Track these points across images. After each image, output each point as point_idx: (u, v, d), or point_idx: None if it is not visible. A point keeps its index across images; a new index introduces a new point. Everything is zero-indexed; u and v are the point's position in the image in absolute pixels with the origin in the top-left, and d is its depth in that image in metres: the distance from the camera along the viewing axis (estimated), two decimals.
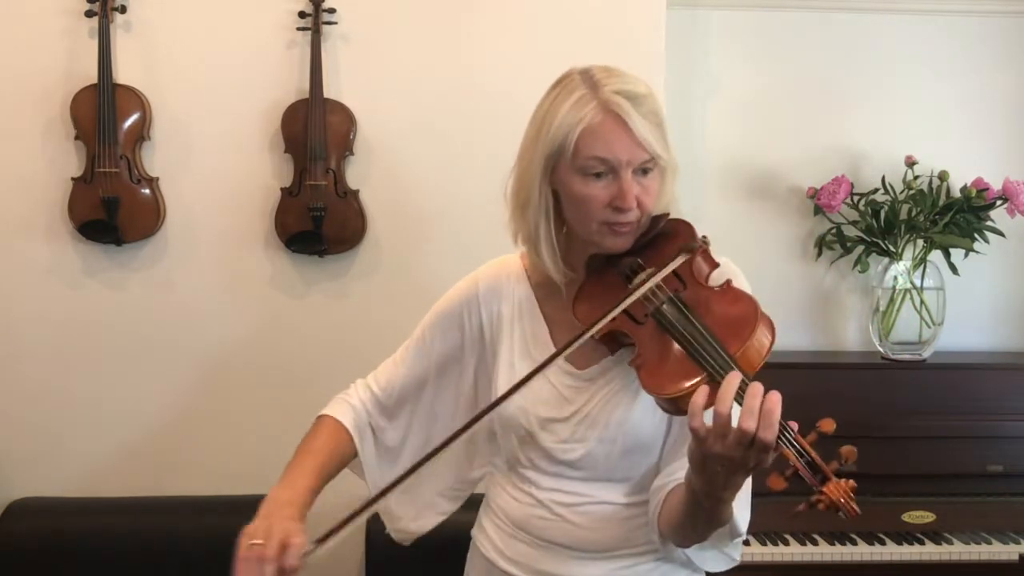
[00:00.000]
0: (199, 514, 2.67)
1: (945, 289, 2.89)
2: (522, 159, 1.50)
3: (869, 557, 2.49)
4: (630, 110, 1.38)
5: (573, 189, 1.41)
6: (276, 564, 1.39)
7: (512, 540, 1.55)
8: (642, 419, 1.44)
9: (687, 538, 1.39)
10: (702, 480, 1.24)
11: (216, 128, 2.65)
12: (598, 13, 2.64)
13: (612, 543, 1.49)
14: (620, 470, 1.47)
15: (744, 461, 1.19)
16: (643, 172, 1.41)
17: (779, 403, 1.19)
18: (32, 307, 2.68)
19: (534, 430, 1.49)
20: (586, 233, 1.44)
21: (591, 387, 1.47)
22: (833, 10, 2.94)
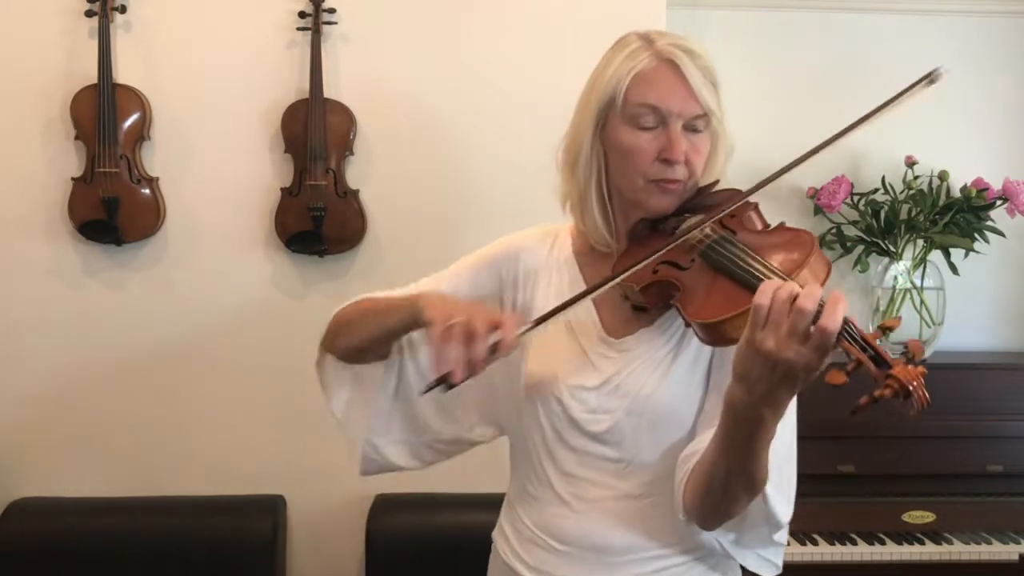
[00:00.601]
0: (199, 514, 2.68)
1: (945, 289, 2.89)
2: (574, 119, 1.46)
3: (869, 557, 2.49)
4: (685, 60, 1.35)
5: (622, 140, 1.38)
6: (487, 342, 1.25)
7: (532, 545, 1.47)
8: (674, 393, 1.38)
9: (714, 503, 1.28)
10: (744, 388, 1.14)
11: (216, 128, 2.65)
12: (598, 13, 2.64)
13: (638, 543, 1.41)
14: (646, 448, 1.39)
15: (796, 361, 1.09)
16: (693, 130, 1.38)
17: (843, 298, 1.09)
18: (32, 307, 2.68)
19: (562, 396, 1.42)
20: (632, 190, 1.40)
21: (623, 357, 1.41)
22: (833, 10, 2.94)
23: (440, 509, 2.67)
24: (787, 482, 1.34)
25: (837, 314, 1.08)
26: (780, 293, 1.10)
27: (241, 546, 2.62)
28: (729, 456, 1.22)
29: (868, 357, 1.09)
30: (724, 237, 1.33)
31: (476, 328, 1.25)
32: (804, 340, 1.09)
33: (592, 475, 1.43)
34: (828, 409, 1.19)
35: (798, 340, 1.09)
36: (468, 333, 1.25)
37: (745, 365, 1.14)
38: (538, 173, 2.65)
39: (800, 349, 1.09)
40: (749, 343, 1.12)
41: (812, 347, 1.09)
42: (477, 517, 2.57)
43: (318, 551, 2.78)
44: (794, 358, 1.09)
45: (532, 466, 1.49)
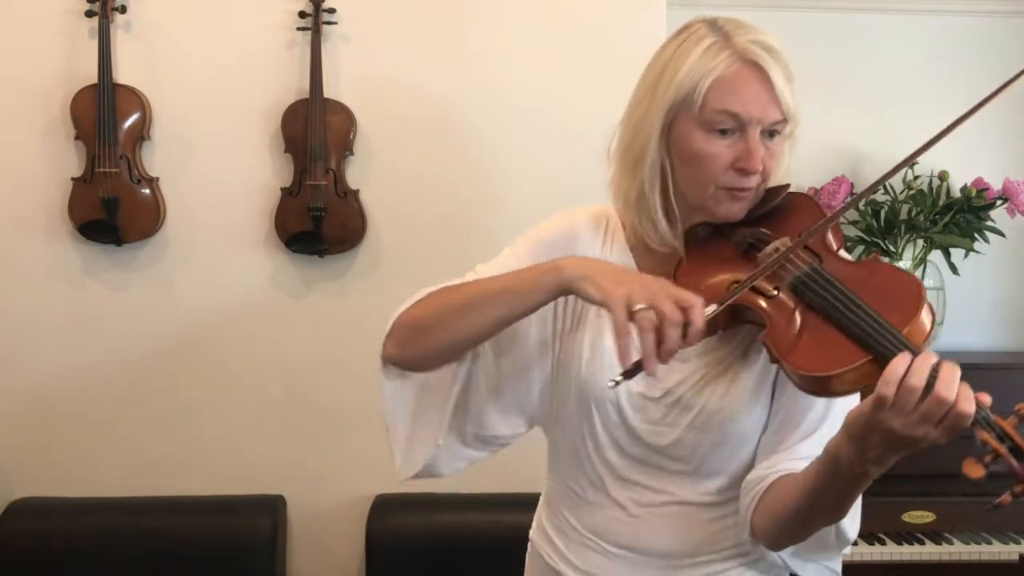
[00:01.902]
0: (199, 514, 2.68)
1: (945, 289, 2.89)
2: (635, 111, 1.33)
3: (869, 557, 2.49)
4: (769, 61, 1.27)
5: (693, 145, 1.27)
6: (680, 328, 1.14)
7: (582, 548, 1.40)
8: (740, 408, 1.30)
9: (789, 534, 1.25)
10: (855, 450, 1.09)
11: (216, 128, 2.65)
12: (598, 13, 2.64)
13: (695, 548, 1.36)
14: (710, 462, 1.33)
15: (920, 438, 1.06)
16: (770, 135, 1.29)
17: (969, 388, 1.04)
18: (32, 307, 2.68)
19: (622, 404, 1.34)
20: (699, 197, 1.29)
21: (683, 368, 1.31)
22: (833, 10, 2.94)
23: (440, 509, 2.67)
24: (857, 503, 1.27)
25: (970, 399, 1.05)
26: (911, 381, 1.05)
27: (241, 546, 2.62)
28: (823, 499, 1.18)
29: (1008, 449, 1.07)
30: (816, 269, 1.22)
31: (669, 316, 1.14)
32: (936, 423, 1.05)
33: (650, 481, 1.36)
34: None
35: (928, 423, 1.05)
36: (660, 321, 1.15)
37: (862, 433, 1.09)
38: (539, 172, 2.67)
39: (929, 430, 1.06)
40: (872, 419, 1.07)
41: (942, 431, 1.06)
42: (477, 517, 2.59)
43: (318, 551, 2.78)
44: (920, 437, 1.07)
45: (582, 469, 1.40)
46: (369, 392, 2.78)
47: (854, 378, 1.11)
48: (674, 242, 1.34)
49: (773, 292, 1.21)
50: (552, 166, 2.62)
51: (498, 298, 1.29)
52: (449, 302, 1.33)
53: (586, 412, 1.37)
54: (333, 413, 2.72)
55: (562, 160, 2.61)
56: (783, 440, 1.30)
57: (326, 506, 2.76)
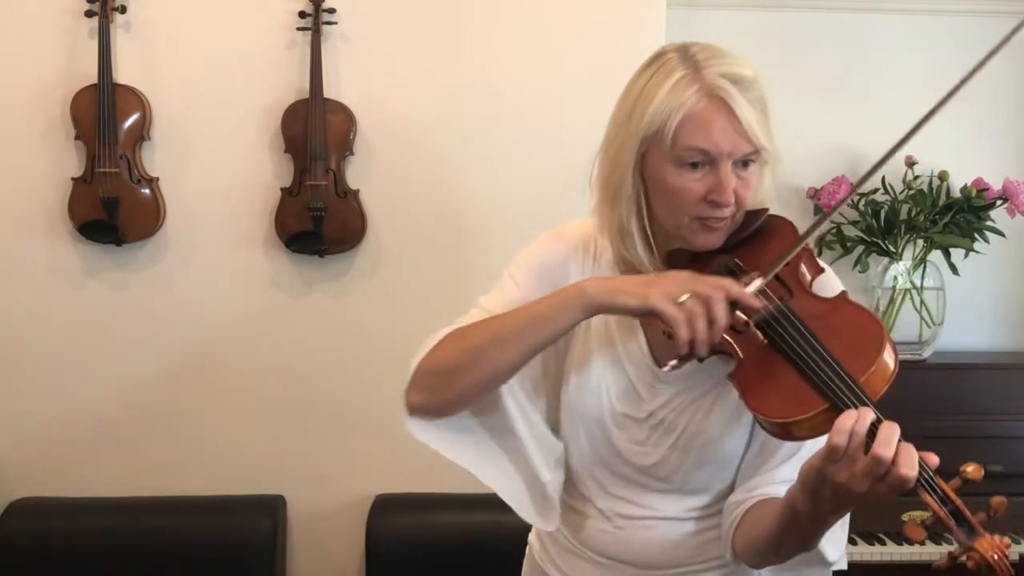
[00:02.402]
0: (199, 514, 2.68)
1: (945, 289, 2.89)
2: (611, 144, 1.35)
3: (869, 557, 2.49)
4: (736, 96, 1.25)
5: (666, 180, 1.29)
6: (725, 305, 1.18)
7: (570, 555, 1.45)
8: (721, 431, 1.34)
9: (766, 559, 1.30)
10: (810, 501, 1.14)
11: (216, 128, 2.65)
12: (598, 13, 2.64)
13: (679, 559, 1.40)
14: (693, 482, 1.37)
15: (867, 494, 1.10)
16: (743, 164, 1.29)
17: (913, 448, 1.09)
18: (32, 307, 2.68)
19: (607, 424, 1.37)
20: (675, 228, 1.32)
21: (668, 389, 1.36)
22: (833, 10, 2.94)
23: (440, 509, 2.67)
24: (841, 525, 1.30)
25: (913, 460, 1.07)
26: (858, 429, 1.09)
27: (241, 546, 2.62)
28: (788, 539, 1.22)
29: (948, 513, 1.08)
30: (784, 310, 1.23)
31: (712, 296, 1.18)
32: (880, 479, 1.08)
33: (636, 497, 1.41)
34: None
35: (873, 479, 1.08)
36: (706, 304, 1.18)
37: (814, 485, 1.13)
38: (538, 172, 2.67)
39: (875, 486, 1.09)
40: (820, 471, 1.11)
41: (887, 487, 1.09)
42: (477, 517, 2.59)
43: (318, 551, 2.78)
44: (866, 492, 1.10)
45: (572, 480, 1.45)
46: (369, 392, 2.80)
47: (810, 426, 1.14)
48: (653, 268, 1.36)
49: (743, 327, 1.23)
50: (552, 166, 2.62)
51: (524, 330, 1.29)
52: (473, 343, 1.32)
53: (575, 432, 1.41)
54: (333, 413, 2.72)
55: (561, 160, 2.60)
56: (764, 463, 1.33)
57: (326, 506, 2.76)
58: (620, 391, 1.38)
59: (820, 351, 1.17)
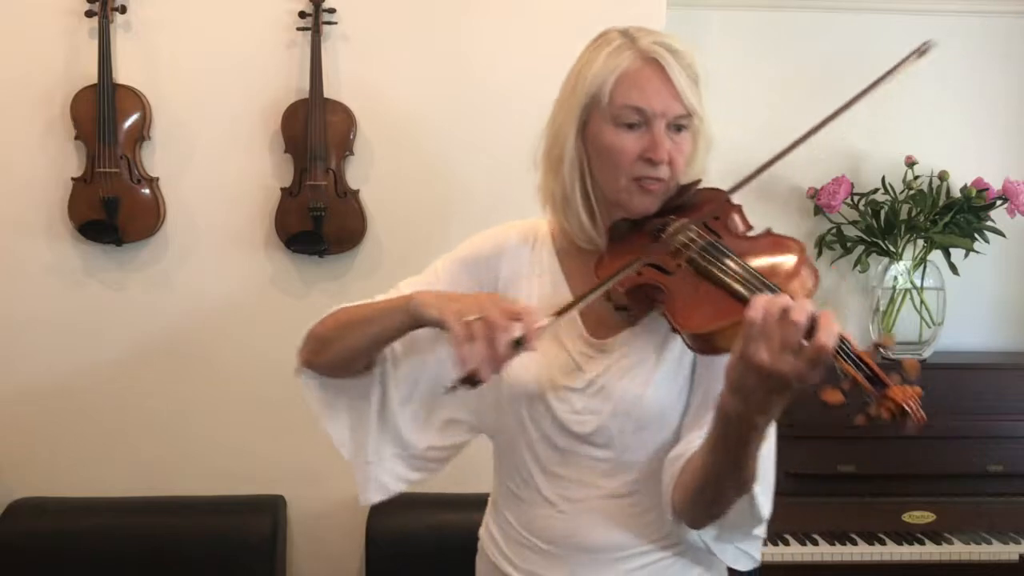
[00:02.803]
0: (199, 514, 2.68)
1: (945, 289, 2.89)
2: (556, 117, 1.45)
3: (869, 557, 2.49)
4: (670, 60, 1.36)
5: (604, 140, 1.37)
6: (510, 335, 1.23)
7: (517, 546, 1.48)
8: (658, 395, 1.38)
9: (705, 506, 1.30)
10: (737, 399, 1.14)
11: (216, 128, 2.65)
12: (598, 13, 2.62)
13: (622, 541, 1.42)
14: (632, 448, 1.40)
15: (789, 374, 1.09)
16: (676, 129, 1.38)
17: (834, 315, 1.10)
18: (32, 307, 2.68)
19: (547, 396, 1.42)
20: (614, 191, 1.39)
21: (606, 358, 1.40)
22: (833, 10, 2.94)
23: (440, 509, 2.66)
24: (769, 478, 1.34)
25: (832, 329, 1.08)
26: (772, 307, 1.10)
27: (241, 546, 2.62)
28: (721, 460, 1.22)
29: (864, 376, 1.10)
30: (711, 243, 1.32)
31: (497, 323, 1.23)
32: (798, 353, 1.08)
33: (578, 475, 1.43)
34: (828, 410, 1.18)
35: (792, 353, 1.09)
36: (489, 329, 1.23)
37: (739, 377, 1.13)
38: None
39: (794, 362, 1.09)
40: (742, 356, 1.12)
41: (806, 361, 1.08)
42: (477, 517, 2.58)
43: (318, 551, 2.78)
44: (788, 371, 1.09)
45: (516, 466, 1.49)
46: None
47: (733, 333, 1.16)
48: (598, 239, 1.43)
49: (675, 268, 1.32)
50: None
51: (369, 323, 1.44)
52: (342, 320, 1.48)
53: (516, 410, 1.46)
54: None
55: None
56: (700, 419, 1.35)
57: (326, 506, 2.76)
58: (560, 365, 1.43)
59: (744, 267, 1.26)
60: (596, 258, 1.42)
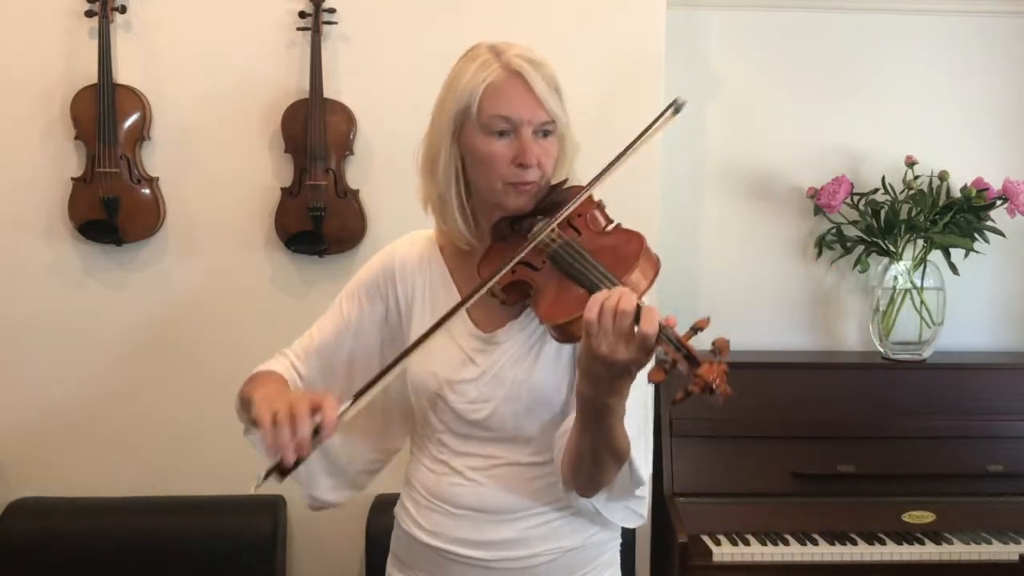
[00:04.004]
0: (199, 514, 2.68)
1: (945, 289, 2.89)
2: (432, 125, 1.58)
3: (869, 557, 2.49)
4: (531, 71, 1.48)
5: (478, 148, 1.49)
6: (311, 422, 1.35)
7: (429, 512, 1.59)
8: (544, 377, 1.51)
9: (588, 475, 1.43)
10: (589, 384, 1.31)
11: (216, 128, 2.65)
12: (598, 13, 2.64)
13: (523, 503, 1.54)
14: (526, 428, 1.53)
15: (626, 360, 1.26)
16: (543, 134, 1.50)
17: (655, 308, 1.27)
18: (32, 307, 2.68)
19: (444, 392, 1.55)
20: (491, 193, 1.51)
21: (496, 350, 1.53)
22: (833, 10, 2.94)
23: None
24: (645, 444, 1.50)
25: (653, 318, 1.25)
26: (607, 304, 1.27)
27: (241, 546, 2.62)
28: (590, 437, 1.38)
29: (682, 356, 1.24)
30: (568, 241, 1.46)
31: (297, 411, 1.34)
32: (630, 342, 1.26)
33: (480, 450, 1.56)
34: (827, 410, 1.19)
35: (624, 342, 1.26)
36: (291, 417, 1.34)
37: (586, 366, 1.30)
38: None
39: (628, 349, 1.26)
40: (586, 347, 1.29)
41: (637, 347, 1.25)
42: None
43: (318, 551, 2.78)
44: (624, 357, 1.26)
45: (426, 447, 1.63)
46: None
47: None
48: (474, 240, 1.57)
49: (541, 264, 1.46)
50: None
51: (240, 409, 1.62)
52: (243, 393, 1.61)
53: (420, 405, 1.61)
54: None
55: None
56: None
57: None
58: (453, 361, 1.56)
59: (593, 264, 1.40)
60: (479, 257, 1.55)
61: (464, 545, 1.55)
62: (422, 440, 1.64)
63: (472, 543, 1.55)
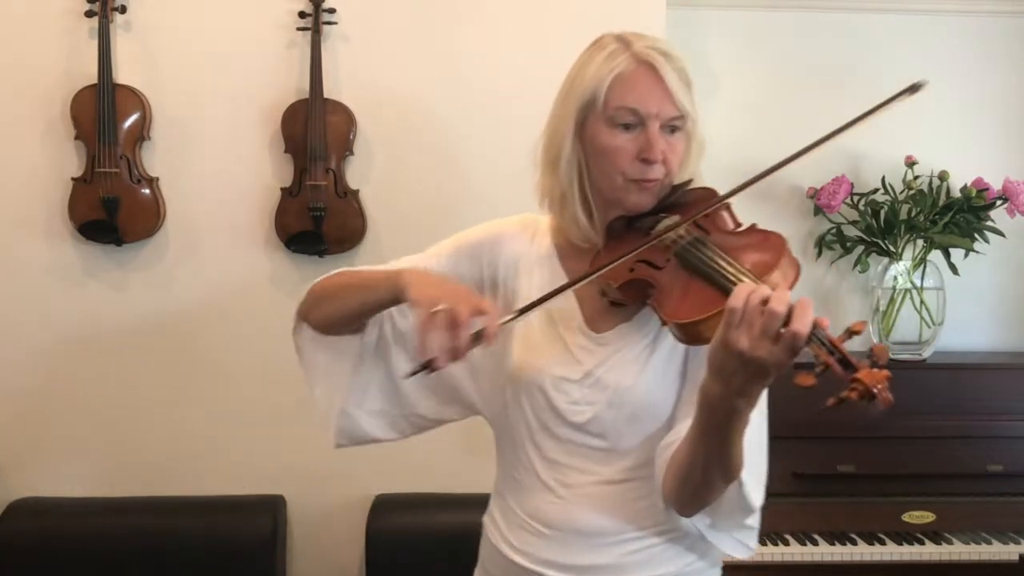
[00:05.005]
0: (199, 514, 2.68)
1: (945, 289, 2.89)
2: (553, 117, 1.50)
3: (869, 557, 2.49)
4: (663, 63, 1.41)
5: (601, 140, 1.42)
6: (470, 330, 1.28)
7: (519, 530, 1.51)
8: (651, 385, 1.43)
9: (693, 490, 1.33)
10: (718, 382, 1.20)
11: (216, 128, 2.65)
12: (598, 13, 2.64)
13: (619, 526, 1.45)
14: (627, 437, 1.45)
15: (767, 359, 1.15)
16: (671, 130, 1.43)
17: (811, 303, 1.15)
18: (32, 307, 2.68)
19: (546, 387, 1.47)
20: (611, 189, 1.44)
21: (603, 351, 1.45)
22: (833, 10, 2.94)
23: (440, 509, 2.67)
24: (759, 469, 1.38)
25: (807, 318, 1.14)
26: (753, 296, 1.16)
27: (241, 546, 2.62)
28: (706, 445, 1.27)
29: (836, 360, 1.15)
30: (698, 238, 1.38)
31: (460, 316, 1.27)
32: (775, 340, 1.15)
33: (575, 462, 1.47)
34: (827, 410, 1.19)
35: (770, 340, 1.15)
36: (452, 321, 1.27)
37: (719, 362, 1.19)
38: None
39: (772, 348, 1.15)
40: (723, 342, 1.18)
41: (783, 347, 1.15)
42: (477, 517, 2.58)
43: (318, 551, 2.78)
44: (766, 356, 1.15)
45: (517, 454, 1.53)
46: None
47: (717, 322, 1.21)
48: (594, 236, 1.48)
49: (664, 263, 1.38)
50: None
51: (360, 290, 1.49)
52: (340, 282, 1.54)
53: (518, 399, 1.51)
54: None
55: None
56: (690, 409, 1.35)
57: (326, 506, 2.76)
58: (558, 356, 1.48)
59: (728, 261, 1.31)
60: (591, 256, 1.47)
61: (554, 568, 1.47)
62: (514, 446, 1.54)
63: (563, 567, 1.46)
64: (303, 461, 2.72)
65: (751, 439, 1.29)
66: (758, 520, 1.44)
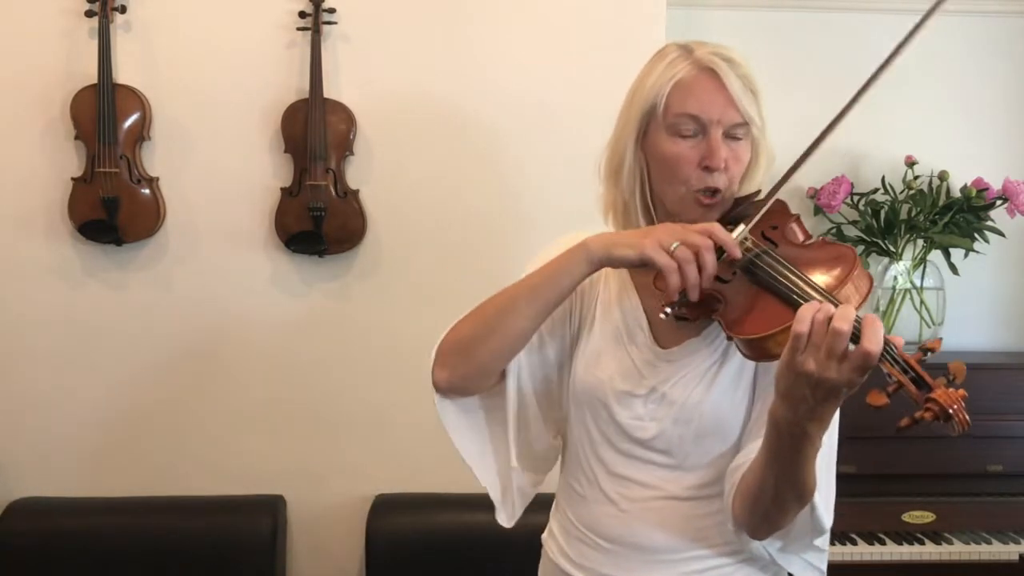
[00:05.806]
0: (199, 514, 2.68)
1: (945, 289, 2.89)
2: (616, 129, 1.48)
3: (869, 557, 2.49)
4: (725, 68, 1.38)
5: (662, 149, 1.39)
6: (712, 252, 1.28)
7: (578, 543, 1.48)
8: (719, 402, 1.39)
9: (764, 514, 1.29)
10: (788, 407, 1.16)
11: (216, 128, 2.65)
12: (598, 13, 2.64)
13: (682, 543, 1.41)
14: (693, 455, 1.41)
15: (837, 381, 1.11)
16: (733, 138, 1.39)
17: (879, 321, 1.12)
18: (32, 307, 2.68)
19: (609, 402, 1.44)
20: (674, 200, 1.41)
21: (669, 367, 1.42)
22: (833, 10, 2.94)
23: (440, 509, 2.67)
24: (829, 488, 1.35)
25: (877, 336, 1.10)
26: (818, 316, 1.13)
27: (241, 546, 2.62)
28: (777, 469, 1.23)
29: (909, 379, 1.12)
30: (766, 251, 1.34)
31: (700, 244, 1.28)
32: (843, 360, 1.11)
33: (639, 476, 1.44)
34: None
35: (837, 360, 1.11)
36: (695, 250, 1.28)
37: (787, 385, 1.16)
38: (538, 173, 2.67)
39: (840, 368, 1.11)
40: (790, 365, 1.14)
41: (852, 367, 1.11)
42: (477, 517, 2.57)
43: (318, 551, 2.78)
44: (835, 377, 1.12)
45: (580, 466, 1.50)
46: (369, 392, 2.80)
47: (785, 338, 1.18)
48: None
49: (731, 276, 1.34)
50: (552, 166, 2.62)
51: (535, 290, 1.39)
52: (484, 313, 1.43)
53: (581, 412, 1.48)
54: (333, 413, 2.72)
55: (561, 159, 2.61)
56: (760, 429, 1.33)
57: (326, 506, 2.76)
58: (622, 371, 1.44)
59: (797, 275, 1.27)
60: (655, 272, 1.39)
61: None
62: (577, 458, 1.51)
63: None
64: (303, 461, 2.72)
65: (822, 458, 1.25)
66: (827, 541, 1.40)
